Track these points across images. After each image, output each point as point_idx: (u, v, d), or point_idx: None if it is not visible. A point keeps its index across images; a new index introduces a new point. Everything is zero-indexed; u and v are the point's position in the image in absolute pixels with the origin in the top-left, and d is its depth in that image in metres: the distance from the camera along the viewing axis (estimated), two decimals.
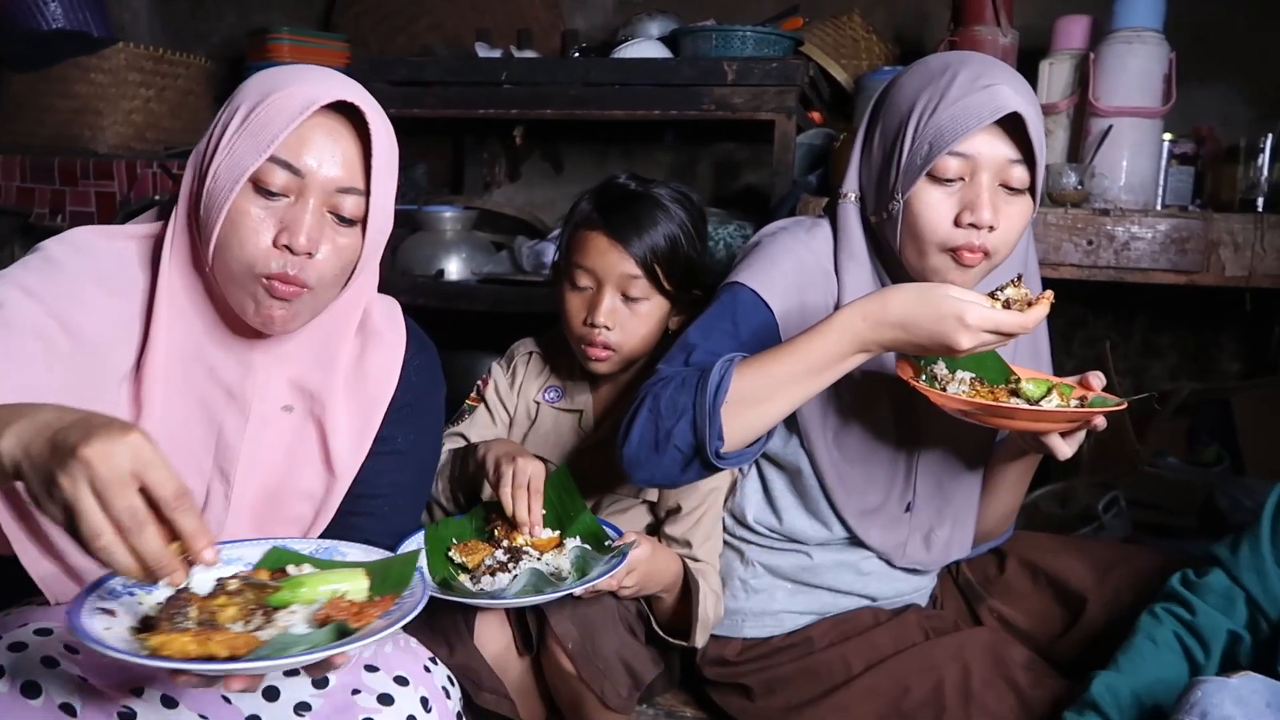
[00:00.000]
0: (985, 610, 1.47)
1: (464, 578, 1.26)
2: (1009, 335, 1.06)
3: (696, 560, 1.41)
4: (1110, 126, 1.90)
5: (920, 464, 1.38)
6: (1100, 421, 1.12)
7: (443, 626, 1.28)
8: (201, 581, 0.93)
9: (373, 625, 0.90)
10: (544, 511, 1.31)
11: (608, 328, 1.43)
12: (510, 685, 1.31)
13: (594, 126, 2.80)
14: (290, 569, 1.01)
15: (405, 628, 1.25)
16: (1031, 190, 1.22)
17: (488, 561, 1.26)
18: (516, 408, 1.59)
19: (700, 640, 1.40)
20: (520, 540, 1.30)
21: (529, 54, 2.54)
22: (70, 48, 2.73)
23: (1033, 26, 2.18)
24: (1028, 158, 1.20)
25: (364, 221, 1.11)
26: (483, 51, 2.53)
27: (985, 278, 1.24)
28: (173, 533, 0.78)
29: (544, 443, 1.54)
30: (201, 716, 0.99)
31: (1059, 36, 2.07)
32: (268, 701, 1.05)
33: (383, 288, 1.28)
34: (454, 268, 2.47)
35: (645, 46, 2.36)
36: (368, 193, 1.10)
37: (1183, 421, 2.38)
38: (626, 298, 1.44)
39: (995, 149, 1.18)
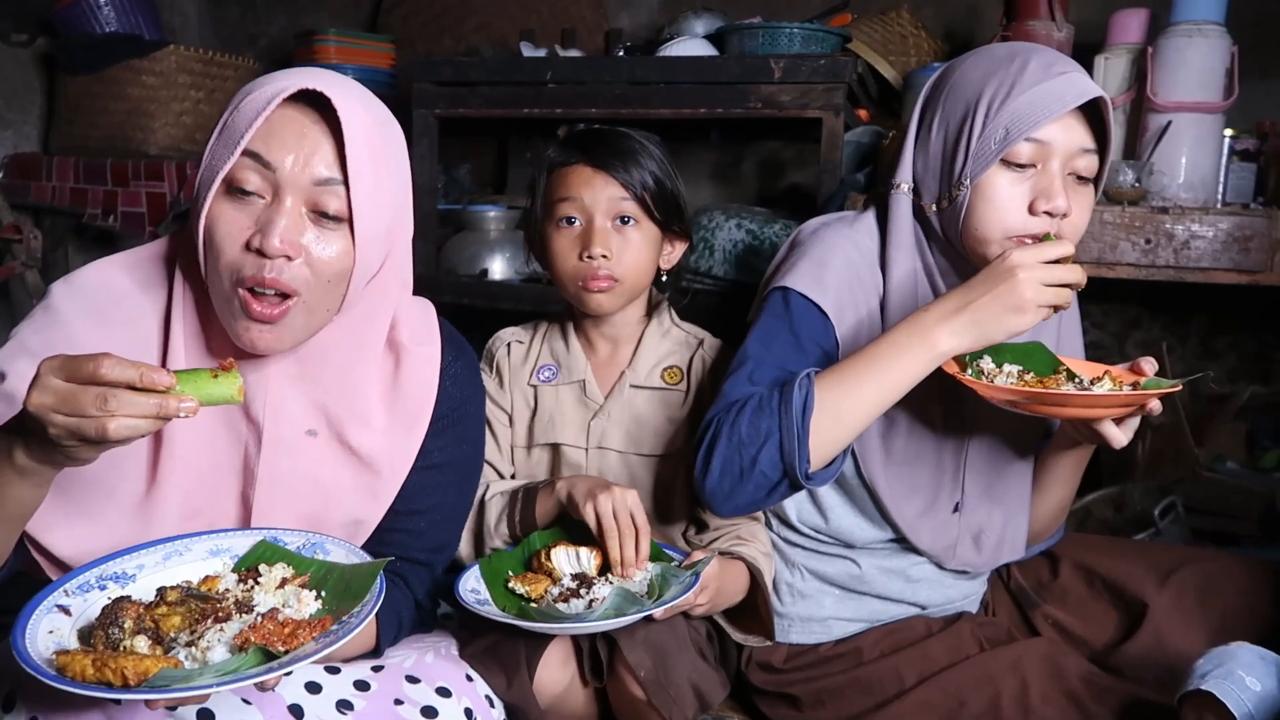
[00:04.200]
0: (1039, 617, 1.43)
1: (533, 608, 1.22)
2: (1069, 283, 1.08)
3: (743, 540, 1.37)
4: (1169, 122, 1.85)
5: (969, 463, 1.35)
6: (1156, 405, 1.10)
7: (503, 657, 1.23)
8: (143, 588, 0.98)
9: (303, 649, 0.87)
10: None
11: (605, 256, 1.40)
12: (572, 715, 1.28)
13: (638, 125, 2.78)
14: (262, 568, 1.01)
15: (463, 654, 1.22)
16: (1096, 180, 1.21)
17: (555, 590, 1.22)
18: (513, 403, 1.52)
19: (779, 633, 1.38)
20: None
21: (574, 53, 2.53)
22: (123, 50, 2.78)
23: (1087, 21, 2.13)
24: (1098, 148, 1.19)
25: (351, 219, 1.03)
26: (528, 51, 2.53)
27: None
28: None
29: (551, 424, 1.49)
30: (244, 700, 0.99)
31: (1115, 31, 2.03)
32: (310, 694, 1.05)
33: (428, 287, 1.25)
34: (498, 267, 2.48)
35: (691, 45, 2.34)
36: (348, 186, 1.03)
37: (1242, 425, 2.31)
38: (618, 225, 1.42)
39: (1071, 136, 1.18)
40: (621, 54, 2.53)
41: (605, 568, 1.28)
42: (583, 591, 1.21)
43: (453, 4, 3.02)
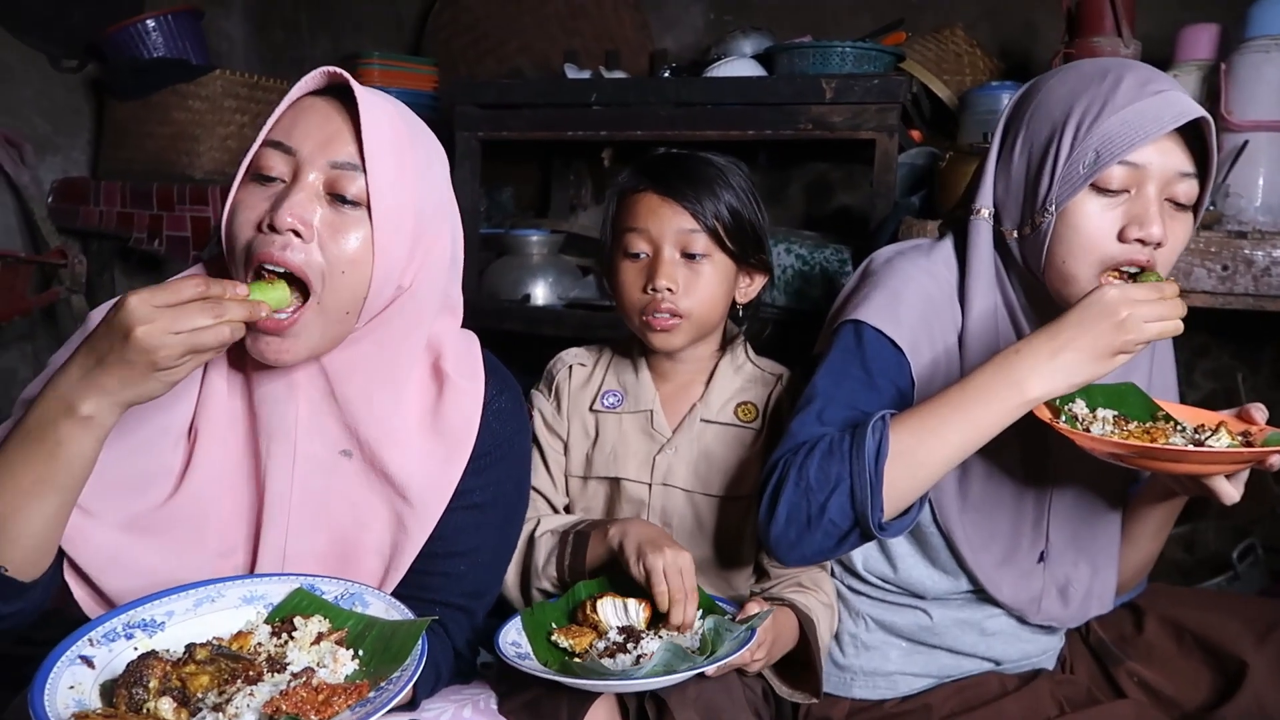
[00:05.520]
0: (1123, 674, 1.33)
1: (577, 663, 1.15)
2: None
3: (804, 588, 1.29)
4: (1246, 142, 1.76)
5: (1053, 509, 1.26)
6: (1276, 460, 1.01)
7: (544, 714, 1.14)
8: (173, 637, 0.94)
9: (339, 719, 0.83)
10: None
11: (670, 290, 1.33)
12: None
13: (683, 148, 2.74)
14: (298, 621, 0.97)
15: (503, 709, 1.15)
16: (1195, 207, 1.13)
17: (601, 645, 1.16)
18: (570, 430, 1.45)
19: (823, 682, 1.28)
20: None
21: (618, 75, 2.50)
22: (170, 75, 2.79)
23: (1152, 37, 2.04)
24: (1198, 172, 1.11)
25: (370, 205, 1.02)
26: (571, 73, 2.50)
27: None
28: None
29: (612, 457, 1.40)
30: None
31: (1183, 47, 1.95)
32: None
33: (469, 312, 1.21)
34: (540, 292, 2.43)
35: (738, 65, 2.29)
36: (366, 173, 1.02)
37: None
38: (686, 257, 1.34)
39: (1168, 160, 1.09)
40: (667, 75, 2.49)
41: (654, 621, 1.20)
42: (630, 646, 1.13)
43: (495, 26, 3.00)
